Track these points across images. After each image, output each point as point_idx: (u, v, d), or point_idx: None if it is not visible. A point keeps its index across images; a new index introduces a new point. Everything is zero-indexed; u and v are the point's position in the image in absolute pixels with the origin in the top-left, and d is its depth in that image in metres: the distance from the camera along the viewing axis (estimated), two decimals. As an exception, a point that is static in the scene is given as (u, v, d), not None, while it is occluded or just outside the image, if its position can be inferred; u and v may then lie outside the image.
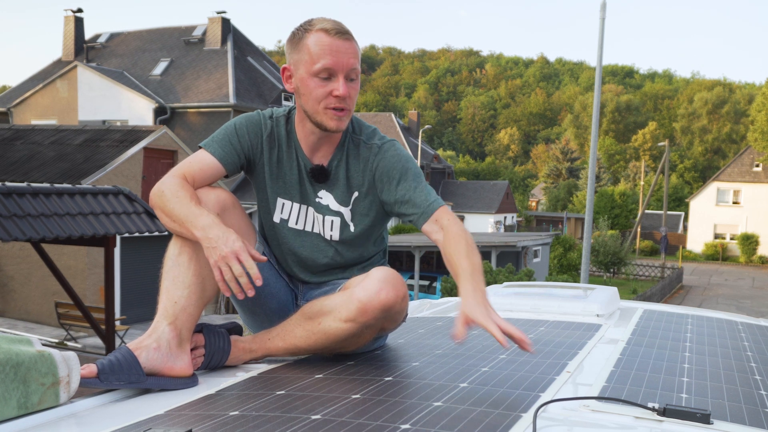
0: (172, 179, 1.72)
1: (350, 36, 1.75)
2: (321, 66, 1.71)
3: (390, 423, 1.18)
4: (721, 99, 79.56)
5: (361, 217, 1.89)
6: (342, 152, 1.87)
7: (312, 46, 1.72)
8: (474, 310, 1.53)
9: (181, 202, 1.66)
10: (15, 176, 15.94)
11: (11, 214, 6.95)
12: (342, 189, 1.87)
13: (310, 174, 1.86)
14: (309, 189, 1.89)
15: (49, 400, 1.36)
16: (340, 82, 1.72)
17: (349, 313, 1.66)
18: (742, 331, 2.34)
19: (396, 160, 1.85)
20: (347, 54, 1.72)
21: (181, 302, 1.65)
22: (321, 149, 1.87)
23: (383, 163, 1.85)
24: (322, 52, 1.71)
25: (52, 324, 15.62)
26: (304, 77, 1.75)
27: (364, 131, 1.90)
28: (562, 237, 30.20)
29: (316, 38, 1.72)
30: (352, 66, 1.74)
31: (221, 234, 1.59)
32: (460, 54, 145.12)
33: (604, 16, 15.47)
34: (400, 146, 1.92)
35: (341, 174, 1.87)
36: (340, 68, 1.72)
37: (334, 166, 1.87)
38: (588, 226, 16.34)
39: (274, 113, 1.91)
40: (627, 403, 1.28)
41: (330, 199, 1.88)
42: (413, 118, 51.98)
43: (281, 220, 1.92)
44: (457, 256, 1.70)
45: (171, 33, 32.31)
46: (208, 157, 1.80)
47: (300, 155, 1.88)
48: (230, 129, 1.86)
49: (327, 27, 1.73)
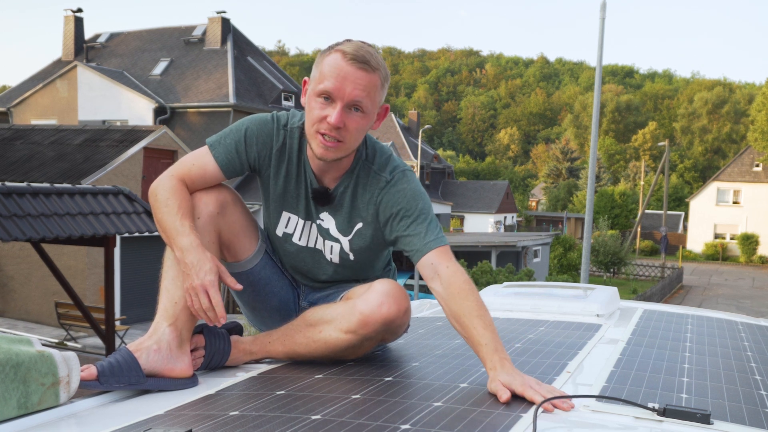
0: (168, 181, 1.71)
1: (368, 67, 1.63)
2: (323, 87, 1.62)
3: (390, 423, 1.18)
4: (721, 99, 79.54)
5: (361, 248, 1.83)
6: (351, 178, 1.78)
7: (325, 65, 1.64)
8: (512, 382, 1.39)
9: (169, 212, 1.65)
10: (15, 176, 15.94)
11: (11, 214, 6.95)
12: (345, 217, 1.80)
13: (312, 196, 1.80)
14: (312, 208, 1.83)
15: (49, 400, 1.36)
16: (335, 110, 1.61)
17: (350, 325, 1.65)
18: (742, 331, 2.34)
19: (401, 196, 1.74)
20: (354, 84, 1.61)
21: (181, 302, 1.64)
22: (330, 171, 1.77)
23: (387, 198, 1.75)
24: (330, 74, 1.62)
25: (52, 324, 15.61)
26: (310, 95, 1.68)
27: (377, 159, 1.79)
28: (562, 237, 30.21)
29: (331, 58, 1.63)
30: (355, 97, 1.62)
31: (196, 261, 1.58)
32: (460, 54, 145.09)
33: (604, 16, 15.47)
34: (412, 178, 1.79)
35: (346, 201, 1.79)
36: (341, 96, 1.61)
37: (339, 192, 1.79)
38: (588, 226, 16.34)
39: (290, 122, 1.80)
40: (627, 403, 1.28)
41: (331, 223, 1.82)
42: (413, 118, 52.00)
43: (284, 234, 1.87)
44: (469, 318, 1.55)
45: (171, 33, 32.31)
46: (211, 162, 1.75)
47: (308, 173, 1.80)
48: (239, 135, 1.77)
49: (346, 50, 1.63)
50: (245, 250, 1.84)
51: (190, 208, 1.70)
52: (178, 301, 1.65)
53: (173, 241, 1.63)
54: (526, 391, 1.35)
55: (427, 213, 1.74)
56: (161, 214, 1.67)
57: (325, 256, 1.87)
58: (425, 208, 1.74)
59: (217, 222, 1.75)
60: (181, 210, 1.66)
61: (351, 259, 1.86)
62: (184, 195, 1.70)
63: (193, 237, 1.62)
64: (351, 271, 1.90)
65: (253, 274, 1.87)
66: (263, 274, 1.89)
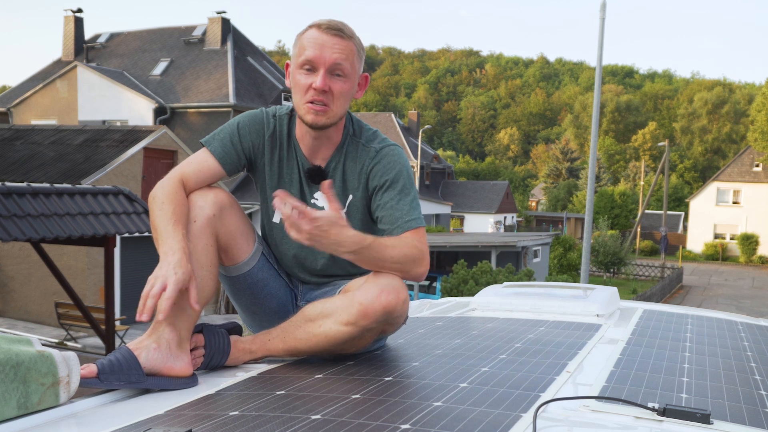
0: (167, 184, 1.74)
1: (342, 34, 1.75)
2: (304, 58, 1.73)
3: (390, 423, 1.18)
4: (721, 99, 79.57)
5: (355, 221, 1.88)
6: (341, 154, 1.87)
7: (303, 40, 1.76)
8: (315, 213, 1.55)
9: (163, 215, 1.67)
10: (15, 176, 15.94)
11: (11, 214, 6.95)
12: (337, 191, 1.87)
13: (307, 174, 1.87)
14: (306, 190, 1.89)
15: (49, 400, 1.36)
16: (319, 75, 1.72)
17: (349, 317, 1.65)
18: (742, 331, 2.34)
19: (390, 167, 1.83)
20: (332, 49, 1.73)
21: (180, 302, 1.64)
22: (320, 150, 1.86)
23: (378, 168, 1.84)
24: (308, 45, 1.73)
25: (52, 324, 15.61)
26: (293, 71, 1.78)
27: (364, 133, 1.89)
28: (562, 237, 30.19)
29: (308, 33, 1.76)
30: (334, 60, 1.73)
31: (175, 261, 1.58)
32: (460, 54, 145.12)
33: (604, 16, 15.47)
34: (399, 152, 1.88)
35: (338, 176, 1.87)
36: (322, 62, 1.72)
37: (331, 168, 1.87)
38: (588, 226, 16.34)
39: (278, 111, 1.91)
40: (627, 403, 1.28)
41: (325, 201, 1.87)
42: (413, 118, 51.97)
43: (281, 220, 1.91)
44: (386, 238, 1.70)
45: (171, 33, 32.31)
46: (209, 157, 1.81)
47: (299, 155, 1.88)
48: (232, 128, 1.87)
49: (320, 23, 1.75)
50: (242, 252, 1.85)
51: (185, 213, 1.71)
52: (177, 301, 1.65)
53: (161, 242, 1.64)
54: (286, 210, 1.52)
55: (411, 189, 1.84)
56: (155, 216, 1.69)
57: None
58: (410, 183, 1.84)
59: (215, 225, 1.76)
60: (176, 215, 1.68)
61: None
62: (181, 200, 1.72)
63: (183, 243, 1.63)
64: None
65: (250, 276, 1.88)
66: (260, 276, 1.90)
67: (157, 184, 1.76)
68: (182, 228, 1.67)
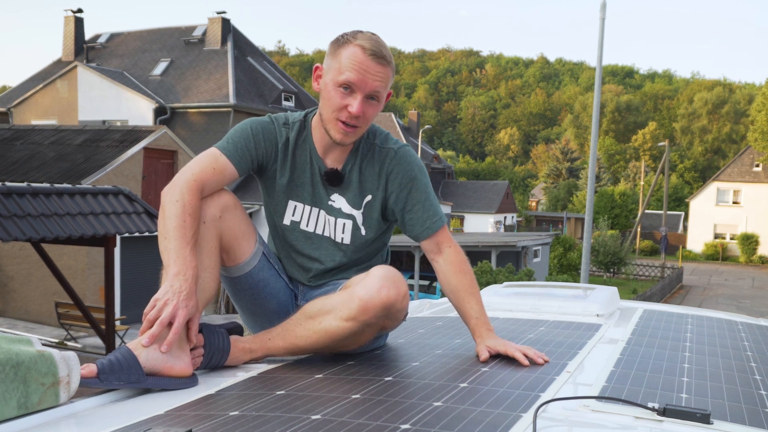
0: (183, 186, 1.71)
1: (385, 61, 1.77)
2: (345, 78, 1.74)
3: (390, 423, 1.18)
4: (721, 99, 79.56)
5: (372, 221, 1.91)
6: (356, 156, 1.90)
7: (344, 57, 1.76)
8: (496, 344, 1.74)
9: (181, 235, 1.65)
10: (15, 176, 15.94)
11: (11, 214, 6.95)
12: (354, 192, 1.89)
13: (325, 178, 1.88)
14: (321, 191, 1.91)
15: (49, 400, 1.36)
16: (357, 100, 1.75)
17: (350, 312, 1.66)
18: (742, 331, 2.34)
19: (410, 167, 1.89)
20: (375, 77, 1.76)
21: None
22: (335, 152, 1.89)
23: (398, 169, 1.88)
24: (351, 66, 1.74)
25: (52, 324, 15.61)
26: (329, 84, 1.78)
27: (378, 136, 1.93)
28: (562, 237, 30.18)
29: (351, 51, 1.75)
30: (374, 89, 1.76)
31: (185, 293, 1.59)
32: (460, 54, 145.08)
33: (604, 17, 15.47)
34: (414, 152, 1.94)
35: (354, 177, 1.90)
36: (362, 87, 1.75)
37: (348, 170, 1.89)
38: (588, 226, 16.34)
39: (289, 120, 1.92)
40: (627, 403, 1.28)
41: (342, 202, 1.90)
42: (413, 118, 51.99)
43: (292, 222, 1.93)
44: (465, 293, 1.85)
45: (171, 33, 32.30)
46: (225, 162, 1.80)
47: (314, 157, 1.89)
48: (246, 133, 1.85)
49: (365, 45, 1.75)
50: (244, 252, 1.85)
51: (198, 229, 1.71)
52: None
53: (172, 262, 1.62)
54: (508, 349, 1.69)
55: (430, 187, 1.94)
56: (164, 224, 1.67)
57: (334, 240, 1.92)
58: (428, 182, 1.93)
59: (219, 226, 1.77)
60: (194, 238, 1.68)
61: (363, 235, 1.91)
62: (196, 205, 1.70)
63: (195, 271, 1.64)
64: (358, 251, 1.94)
65: (251, 277, 1.89)
66: (261, 276, 1.90)
67: (170, 185, 1.73)
68: (194, 249, 1.67)
